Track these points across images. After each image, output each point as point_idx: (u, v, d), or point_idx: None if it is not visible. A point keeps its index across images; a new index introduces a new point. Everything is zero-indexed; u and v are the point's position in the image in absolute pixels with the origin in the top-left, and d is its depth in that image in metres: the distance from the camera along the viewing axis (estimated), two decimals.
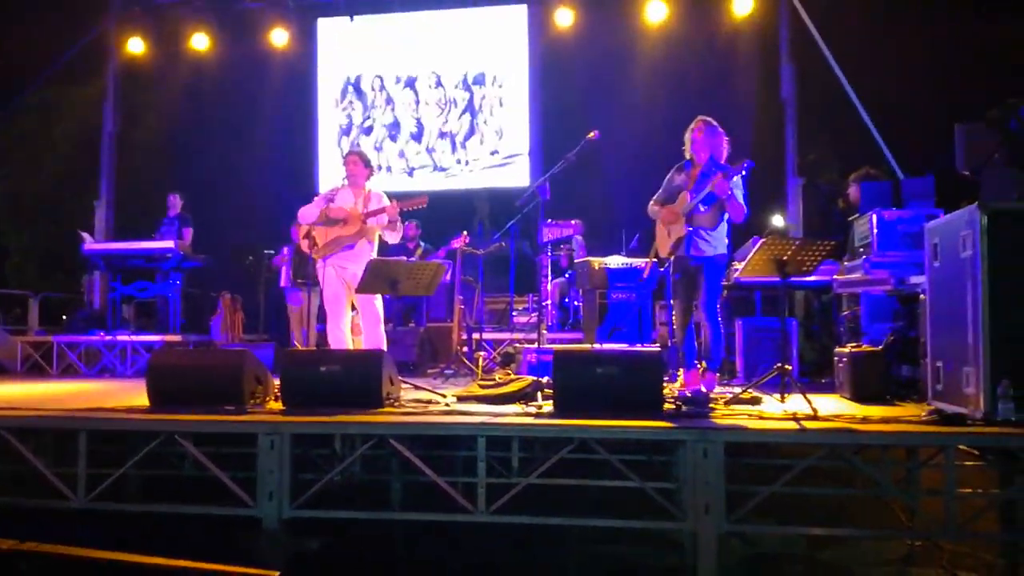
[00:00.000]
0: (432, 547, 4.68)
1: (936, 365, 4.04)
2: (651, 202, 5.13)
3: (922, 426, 3.73)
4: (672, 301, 5.26)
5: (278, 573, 2.36)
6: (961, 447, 3.61)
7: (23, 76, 10.54)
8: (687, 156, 5.02)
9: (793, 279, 4.80)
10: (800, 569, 4.45)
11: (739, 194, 4.78)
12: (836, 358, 5.20)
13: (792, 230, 8.73)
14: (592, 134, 5.04)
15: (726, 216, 4.90)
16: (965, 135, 5.05)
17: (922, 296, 4.67)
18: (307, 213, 5.69)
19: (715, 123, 4.97)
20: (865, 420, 3.81)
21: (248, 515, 3.83)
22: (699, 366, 5.11)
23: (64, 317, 10.20)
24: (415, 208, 5.57)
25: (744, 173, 4.64)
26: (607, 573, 4.43)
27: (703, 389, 4.92)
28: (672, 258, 5.09)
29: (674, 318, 5.23)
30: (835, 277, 6.22)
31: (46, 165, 14.84)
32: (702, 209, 4.86)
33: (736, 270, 6.60)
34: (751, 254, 4.69)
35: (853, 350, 4.95)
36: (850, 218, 6.28)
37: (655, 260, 5.29)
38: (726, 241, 5.01)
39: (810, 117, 9.35)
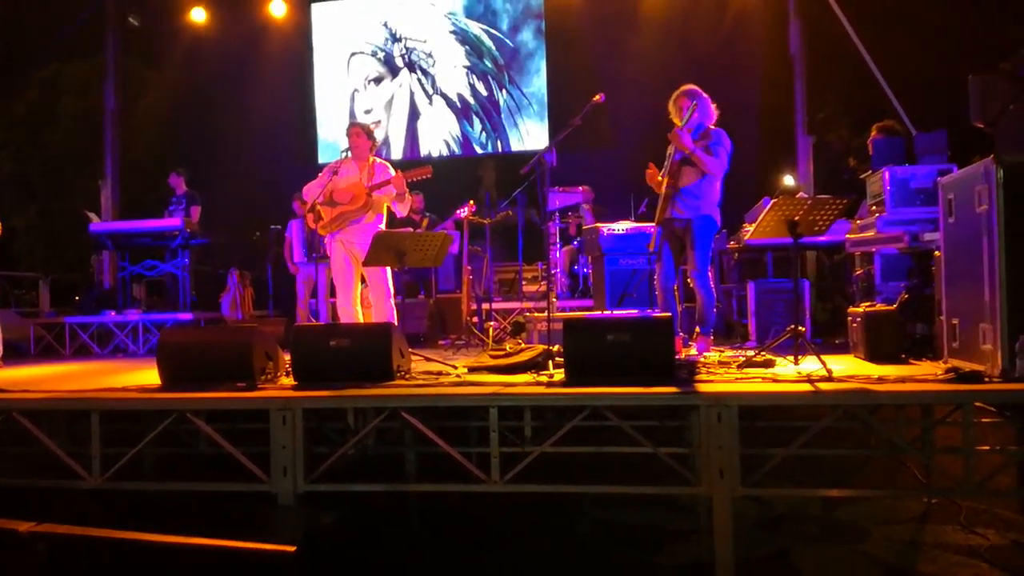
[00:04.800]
0: (448, 518, 4.70)
1: (952, 322, 3.99)
2: None
3: (939, 384, 3.68)
4: (655, 265, 5.39)
5: (295, 548, 2.34)
6: (978, 404, 3.57)
7: (24, 54, 10.45)
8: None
9: (805, 239, 4.74)
10: (816, 530, 4.44)
11: (711, 148, 5.03)
12: (850, 318, 5.14)
13: (802, 190, 8.62)
14: (598, 97, 4.93)
15: (707, 176, 5.09)
16: (980, 86, 4.93)
17: (937, 253, 4.59)
18: (312, 191, 5.65)
19: (695, 90, 5.19)
20: (881, 380, 3.76)
21: (263, 491, 3.84)
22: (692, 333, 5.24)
23: (76, 298, 10.24)
24: (420, 179, 5.51)
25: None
26: (622, 538, 4.43)
27: (694, 352, 5.04)
28: (661, 223, 5.22)
29: (655, 282, 5.38)
30: (847, 236, 6.13)
31: (50, 144, 14.80)
32: (681, 169, 5.11)
33: (747, 231, 6.53)
34: (762, 215, 4.62)
35: (867, 309, 4.88)
36: (862, 176, 6.18)
37: (659, 226, 5.29)
38: (712, 202, 5.13)
39: (819, 74, 9.18)
